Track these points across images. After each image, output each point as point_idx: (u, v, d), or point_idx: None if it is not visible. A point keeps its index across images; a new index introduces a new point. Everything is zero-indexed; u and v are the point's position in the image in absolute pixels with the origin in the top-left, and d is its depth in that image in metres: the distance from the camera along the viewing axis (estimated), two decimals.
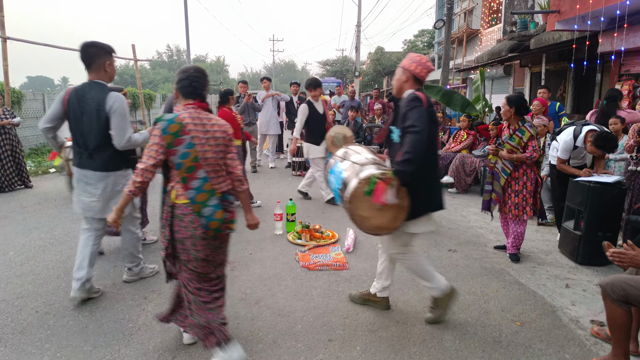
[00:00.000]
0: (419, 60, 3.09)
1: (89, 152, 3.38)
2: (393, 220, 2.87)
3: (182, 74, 2.65)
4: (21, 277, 4.02)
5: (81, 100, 3.32)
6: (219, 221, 2.53)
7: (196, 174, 2.49)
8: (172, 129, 2.45)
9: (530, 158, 4.24)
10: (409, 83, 3.09)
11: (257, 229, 3.06)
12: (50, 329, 3.14)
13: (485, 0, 16.64)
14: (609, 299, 2.57)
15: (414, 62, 3.08)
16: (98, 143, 3.35)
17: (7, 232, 5.38)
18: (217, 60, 71.33)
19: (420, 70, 3.06)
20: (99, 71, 3.40)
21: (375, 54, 41.10)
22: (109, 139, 3.35)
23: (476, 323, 3.26)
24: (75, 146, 3.45)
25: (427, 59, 3.14)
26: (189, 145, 2.46)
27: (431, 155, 3.02)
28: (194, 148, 2.47)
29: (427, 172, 2.98)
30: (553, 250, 4.84)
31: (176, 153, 2.45)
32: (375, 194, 2.72)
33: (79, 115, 3.33)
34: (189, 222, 2.49)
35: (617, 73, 8.58)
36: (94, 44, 3.38)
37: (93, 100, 3.30)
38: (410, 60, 3.12)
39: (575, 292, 3.80)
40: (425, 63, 3.09)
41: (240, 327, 3.18)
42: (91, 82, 3.39)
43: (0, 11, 8.50)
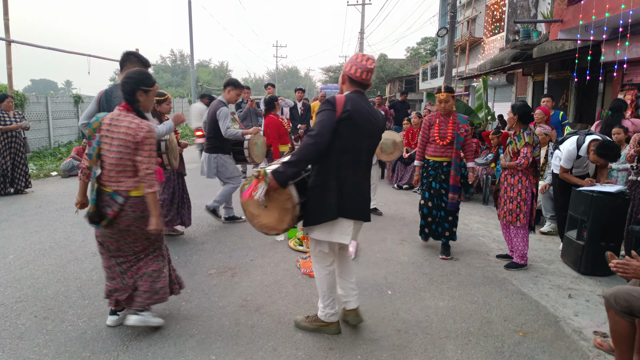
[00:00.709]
0: (354, 60, 2.91)
1: None
2: (279, 222, 2.85)
3: (125, 78, 3.01)
4: (20, 281, 4.01)
5: (109, 99, 3.56)
6: (87, 213, 2.94)
7: (95, 167, 2.93)
8: (94, 125, 2.92)
9: (519, 165, 4.26)
10: (346, 85, 2.96)
11: (258, 236, 3.06)
12: (49, 334, 3.12)
13: (489, 9, 16.70)
14: (612, 311, 2.54)
15: (349, 63, 2.92)
16: None
17: (8, 235, 5.37)
18: (220, 66, 71.53)
19: (355, 70, 2.88)
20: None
21: (378, 61, 41.14)
22: None
23: (478, 333, 3.23)
24: None
25: (367, 57, 2.91)
26: (97, 142, 2.89)
27: (342, 161, 2.84)
28: (99, 145, 2.88)
29: (329, 177, 2.82)
30: (556, 260, 4.81)
31: (90, 145, 2.91)
32: (247, 189, 2.82)
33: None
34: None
35: (620, 83, 8.57)
36: (135, 54, 3.66)
37: (118, 98, 3.36)
38: (349, 62, 2.94)
39: (578, 303, 3.77)
40: (363, 62, 2.87)
41: (241, 334, 3.15)
42: (119, 84, 3.44)
43: (5, 15, 8.56)
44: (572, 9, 7.71)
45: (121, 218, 2.93)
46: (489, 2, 16.58)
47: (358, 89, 2.93)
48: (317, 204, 2.86)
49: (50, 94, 15.92)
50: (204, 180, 6.24)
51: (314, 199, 2.87)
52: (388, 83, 36.96)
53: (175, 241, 5.16)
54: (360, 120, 2.83)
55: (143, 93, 2.99)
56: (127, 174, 2.91)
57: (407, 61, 42.29)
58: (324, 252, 3.03)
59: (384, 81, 37.26)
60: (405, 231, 5.73)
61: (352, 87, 2.93)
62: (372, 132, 2.95)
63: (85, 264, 4.45)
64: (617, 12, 6.54)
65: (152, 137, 2.90)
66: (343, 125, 2.78)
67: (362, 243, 5.07)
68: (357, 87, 2.93)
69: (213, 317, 3.40)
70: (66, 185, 8.90)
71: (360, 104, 2.85)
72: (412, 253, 4.91)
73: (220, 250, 4.90)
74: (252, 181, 2.80)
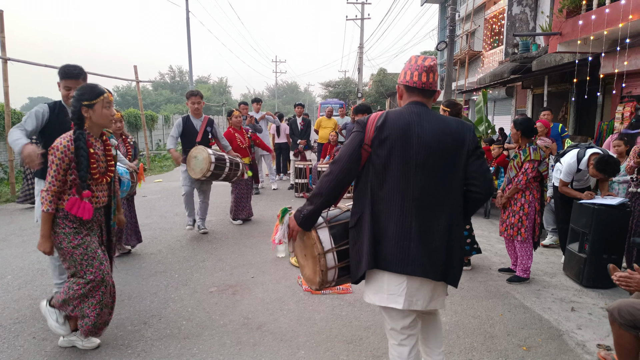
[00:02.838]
0: (408, 64, 2.23)
1: None
2: (314, 273, 2.36)
3: None
4: (18, 302, 3.99)
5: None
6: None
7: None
8: None
9: (518, 183, 4.29)
10: (404, 97, 2.27)
11: (259, 252, 3.03)
12: (48, 356, 3.09)
13: (487, 23, 16.86)
14: (616, 324, 2.52)
15: (403, 69, 2.26)
16: None
17: (5, 255, 5.36)
18: (219, 82, 72.03)
19: (410, 76, 2.19)
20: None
21: (377, 75, 41.43)
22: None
23: (482, 348, 3.19)
24: None
25: (423, 57, 2.21)
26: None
27: (380, 195, 2.14)
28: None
29: (364, 217, 2.18)
30: (558, 273, 4.78)
31: None
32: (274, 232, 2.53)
33: None
34: None
35: (619, 95, 8.60)
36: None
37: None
38: (402, 70, 2.26)
39: (581, 316, 3.74)
40: (417, 63, 2.18)
41: (242, 353, 3.12)
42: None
43: (1, 32, 8.63)
44: (571, 22, 7.78)
45: None
46: (488, 16, 16.75)
47: (417, 98, 2.20)
48: (353, 253, 2.25)
49: None
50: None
51: (351, 246, 2.27)
52: (388, 97, 37.11)
53: (175, 259, 5.14)
54: (401, 141, 2.09)
55: (87, 109, 2.85)
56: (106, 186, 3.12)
57: None
58: (395, 325, 2.23)
59: (383, 95, 37.45)
60: None
61: (410, 98, 2.22)
62: (435, 155, 2.10)
63: None
64: (616, 24, 6.60)
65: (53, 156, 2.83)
66: (377, 148, 2.13)
67: None
68: (417, 96, 2.20)
69: (214, 335, 3.37)
70: None
71: (407, 120, 2.11)
72: None
73: (221, 267, 4.88)
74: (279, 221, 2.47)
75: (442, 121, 2.16)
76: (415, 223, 2.09)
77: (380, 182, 2.14)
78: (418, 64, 2.17)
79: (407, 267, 2.07)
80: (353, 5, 31.35)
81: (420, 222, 2.10)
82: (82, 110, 2.83)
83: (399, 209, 2.11)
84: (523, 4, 14.02)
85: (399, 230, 2.10)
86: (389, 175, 2.12)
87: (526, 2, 14.00)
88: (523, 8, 14.04)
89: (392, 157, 2.10)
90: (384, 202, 2.13)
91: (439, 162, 2.11)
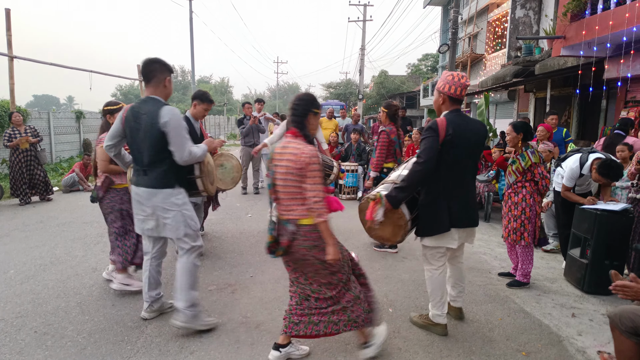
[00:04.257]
0: (452, 80, 3.13)
1: (144, 169, 3.25)
2: (393, 235, 3.25)
3: (290, 103, 2.91)
4: (21, 296, 3.99)
5: (137, 116, 3.20)
6: (266, 243, 2.83)
7: (270, 198, 2.87)
8: (271, 155, 2.85)
9: (544, 186, 4.29)
10: (446, 105, 3.20)
11: (258, 252, 3.04)
12: (49, 350, 3.10)
13: (490, 26, 16.86)
14: (617, 330, 2.51)
15: (447, 83, 3.15)
16: (151, 159, 3.21)
17: (9, 250, 5.36)
18: (221, 82, 71.99)
19: (454, 90, 3.12)
20: (157, 86, 3.29)
21: (379, 77, 41.49)
22: (163, 155, 3.21)
23: (480, 352, 3.19)
24: (133, 164, 3.36)
25: (461, 75, 3.15)
26: (272, 172, 2.80)
27: (449, 179, 3.13)
28: (273, 175, 2.78)
29: (438, 196, 3.14)
30: (558, 278, 4.77)
31: (268, 176, 2.87)
32: (367, 211, 3.09)
33: (135, 131, 3.21)
34: None
35: (623, 100, 8.59)
36: (158, 60, 3.30)
37: (148, 115, 3.16)
38: (444, 82, 3.18)
39: (581, 322, 3.73)
40: (460, 81, 3.12)
41: (240, 352, 3.12)
42: (147, 98, 3.27)
43: (7, 30, 8.66)
44: (575, 25, 7.76)
45: (295, 247, 2.78)
46: (491, 19, 16.75)
47: (457, 106, 3.19)
48: (429, 219, 3.19)
49: (52, 110, 16.06)
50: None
51: (426, 214, 3.20)
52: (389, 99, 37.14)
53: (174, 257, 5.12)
54: (461, 139, 3.07)
55: (313, 115, 2.88)
56: (296, 201, 2.74)
57: (408, 77, 42.58)
58: (440, 252, 3.32)
59: (384, 97, 37.45)
60: (406, 248, 5.70)
61: (452, 106, 3.17)
62: (473, 146, 3.20)
63: (85, 279, 4.44)
64: (621, 28, 6.58)
65: (316, 163, 2.68)
66: (446, 147, 3.05)
67: (362, 260, 5.04)
68: (457, 104, 3.19)
69: (213, 334, 3.37)
70: (67, 200, 8.91)
71: (459, 123, 3.09)
72: (413, 270, 4.87)
73: (220, 266, 4.88)
74: (368, 203, 3.10)
75: (473, 122, 3.25)
76: (468, 195, 3.25)
77: (448, 171, 3.10)
78: (461, 82, 3.12)
79: (467, 222, 3.23)
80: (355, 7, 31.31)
81: (469, 195, 3.27)
82: (308, 116, 2.85)
83: (459, 188, 3.18)
84: (527, 7, 14.02)
85: (461, 202, 3.17)
86: (454, 164, 3.11)
87: (530, 5, 13.99)
88: (526, 11, 14.04)
89: (457, 152, 3.08)
90: (451, 183, 3.14)
91: (474, 152, 3.24)
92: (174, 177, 3.30)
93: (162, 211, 3.25)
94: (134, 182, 3.32)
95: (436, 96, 3.26)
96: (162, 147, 3.18)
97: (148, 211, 3.27)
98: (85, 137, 15.98)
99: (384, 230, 3.25)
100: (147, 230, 3.35)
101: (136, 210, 3.35)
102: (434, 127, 3.03)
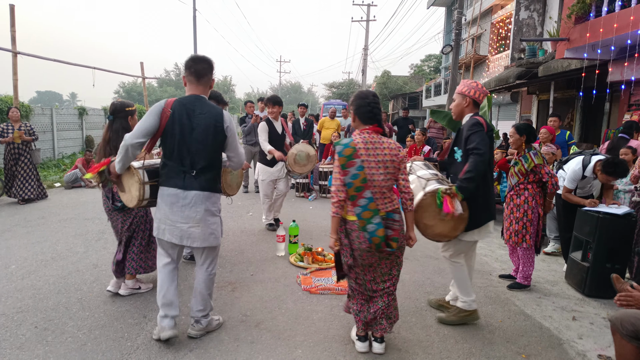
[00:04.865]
0: (476, 86, 3.44)
1: (196, 172, 3.01)
2: (453, 230, 3.28)
3: (361, 100, 2.98)
4: (22, 292, 4.00)
5: (190, 114, 2.99)
6: (380, 238, 2.82)
7: (363, 193, 2.82)
8: (345, 152, 2.84)
9: (554, 185, 4.29)
10: (469, 107, 3.47)
11: (259, 251, 3.04)
12: (49, 345, 3.10)
13: (494, 27, 16.82)
14: (618, 334, 2.50)
15: (472, 88, 3.44)
16: (208, 162, 3.05)
17: (10, 245, 5.37)
18: (224, 80, 72.01)
19: (479, 95, 3.44)
20: (206, 86, 3.17)
21: (381, 77, 41.38)
22: (217, 159, 3.15)
23: (480, 354, 3.18)
24: (175, 165, 3.02)
25: (480, 84, 3.48)
26: (359, 167, 2.81)
27: (490, 174, 3.42)
28: (363, 170, 2.81)
29: (486, 187, 3.37)
30: (559, 281, 4.76)
31: (347, 174, 2.82)
32: (445, 205, 3.12)
33: (189, 130, 2.99)
34: (355, 236, 2.87)
35: (627, 103, 8.56)
36: (207, 59, 3.16)
37: (209, 116, 3.02)
38: (468, 87, 3.46)
39: (582, 325, 3.72)
40: (482, 88, 3.45)
41: (240, 350, 3.12)
42: (198, 97, 3.09)
43: (12, 26, 8.67)
44: (579, 28, 7.73)
45: (400, 236, 2.98)
46: (495, 20, 16.72)
47: (477, 109, 3.51)
48: (479, 211, 3.34)
49: (55, 106, 16.06)
50: None
51: (475, 206, 3.32)
52: (391, 100, 37.10)
53: None
54: (490, 138, 3.39)
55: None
56: (391, 193, 2.98)
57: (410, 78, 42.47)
58: (468, 246, 3.57)
59: (387, 98, 37.42)
60: (406, 249, 5.68)
61: (474, 109, 3.48)
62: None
63: (86, 275, 4.44)
64: (625, 31, 6.56)
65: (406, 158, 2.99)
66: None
67: None
68: (477, 108, 3.51)
69: (212, 332, 3.37)
70: (69, 196, 8.93)
71: (487, 124, 3.40)
72: (413, 271, 4.87)
73: (221, 264, 4.88)
74: (442, 198, 3.14)
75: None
76: (492, 189, 3.50)
77: (489, 164, 3.33)
78: (483, 89, 3.45)
79: (492, 215, 3.47)
80: (359, 7, 31.32)
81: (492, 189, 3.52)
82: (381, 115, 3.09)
83: (491, 183, 3.48)
84: (531, 9, 13.98)
85: (491, 196, 3.46)
86: (490, 159, 3.34)
87: (534, 7, 13.96)
88: (531, 13, 14.00)
89: (491, 147, 3.39)
90: (489, 176, 3.41)
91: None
92: (218, 181, 3.24)
93: (211, 216, 3.10)
94: (178, 185, 3.01)
95: (460, 100, 3.49)
96: (220, 151, 3.16)
97: (197, 216, 3.02)
98: (87, 134, 16.00)
99: (444, 225, 3.26)
100: (189, 240, 3.05)
101: (174, 217, 3.02)
102: (481, 123, 3.30)
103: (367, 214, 2.82)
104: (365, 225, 2.81)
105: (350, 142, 2.86)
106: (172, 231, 3.04)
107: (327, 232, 6.25)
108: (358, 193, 2.82)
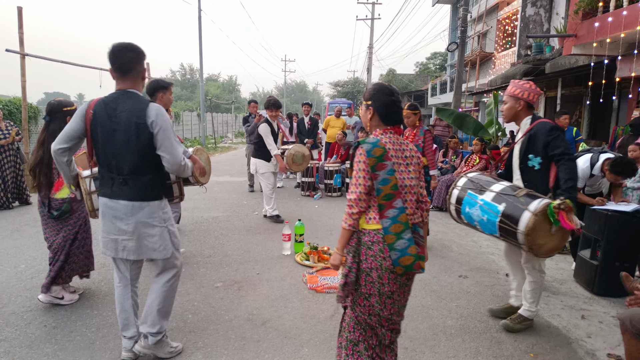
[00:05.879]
0: (529, 87, 3.33)
1: (123, 178, 2.70)
2: (562, 241, 3.13)
3: (386, 97, 2.42)
4: (31, 291, 4.02)
5: (112, 114, 2.65)
6: (413, 257, 2.26)
7: (394, 202, 2.28)
8: (376, 152, 2.29)
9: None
10: (524, 110, 3.37)
11: (265, 249, 3.02)
12: (58, 344, 3.13)
13: (500, 24, 16.72)
14: (628, 333, 2.48)
15: (525, 90, 3.33)
16: (135, 166, 2.69)
17: (20, 244, 5.41)
18: (229, 80, 72.23)
19: (533, 96, 3.33)
20: (135, 80, 2.76)
21: (387, 75, 41.32)
22: (148, 161, 2.72)
23: (487, 353, 3.17)
24: (104, 172, 2.77)
25: (533, 84, 3.36)
26: (390, 171, 2.29)
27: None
28: (394, 175, 2.29)
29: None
30: (568, 280, 4.73)
31: (377, 178, 2.27)
32: (563, 222, 2.89)
33: (110, 132, 2.66)
34: (378, 251, 2.26)
35: (635, 99, 8.48)
36: (132, 46, 2.74)
37: (129, 113, 2.64)
38: (521, 88, 3.35)
39: (591, 324, 3.69)
40: (536, 89, 3.34)
41: (246, 349, 3.13)
42: (123, 92, 2.72)
43: (20, 28, 8.73)
44: (586, 24, 7.67)
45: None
46: (501, 17, 16.61)
47: (532, 112, 3.42)
48: None
49: None
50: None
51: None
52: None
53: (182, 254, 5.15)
54: None
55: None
56: (415, 203, 2.42)
57: (416, 76, 42.37)
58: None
59: None
60: None
61: (529, 112, 3.39)
62: None
63: (93, 274, 4.45)
64: (634, 27, 6.49)
65: None
66: None
67: None
68: (531, 110, 3.41)
69: (219, 330, 3.38)
70: None
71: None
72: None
73: (227, 263, 4.89)
74: (557, 214, 2.89)
75: None
76: None
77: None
78: (537, 90, 3.34)
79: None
80: (364, 5, 31.23)
81: None
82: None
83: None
84: (537, 5, 13.89)
85: None
86: None
87: (540, 4, 13.87)
88: (537, 9, 13.92)
89: None
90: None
91: None
92: (160, 187, 2.87)
93: (147, 227, 2.75)
94: (107, 194, 2.74)
95: (513, 103, 3.39)
96: (149, 152, 2.69)
97: (129, 229, 2.72)
98: None
99: (554, 239, 3.07)
100: (124, 252, 2.78)
101: (108, 229, 2.76)
102: (558, 126, 3.28)
103: (398, 227, 2.26)
104: (395, 241, 2.24)
105: (379, 142, 2.31)
106: (107, 244, 2.79)
107: (333, 231, 6.26)
108: (387, 202, 2.27)
